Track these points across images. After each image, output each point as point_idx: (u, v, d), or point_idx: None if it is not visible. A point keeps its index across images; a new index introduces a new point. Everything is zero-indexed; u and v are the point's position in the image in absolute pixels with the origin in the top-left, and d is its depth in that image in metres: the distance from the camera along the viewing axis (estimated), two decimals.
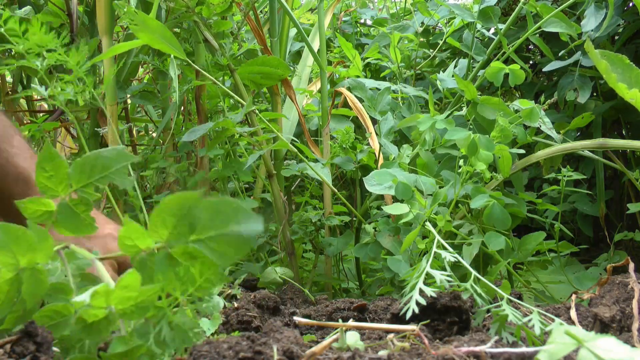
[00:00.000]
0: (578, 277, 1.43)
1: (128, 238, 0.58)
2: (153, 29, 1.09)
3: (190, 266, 0.57)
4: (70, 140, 2.25)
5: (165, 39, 1.12)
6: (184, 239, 0.57)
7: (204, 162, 1.39)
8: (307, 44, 1.51)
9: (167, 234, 0.58)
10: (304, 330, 0.95)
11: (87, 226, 0.67)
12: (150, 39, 1.09)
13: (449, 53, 2.12)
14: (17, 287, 0.59)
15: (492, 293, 0.80)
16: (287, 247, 1.41)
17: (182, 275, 0.57)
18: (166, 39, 1.12)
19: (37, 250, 0.58)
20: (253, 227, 0.57)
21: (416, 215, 1.05)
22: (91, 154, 0.65)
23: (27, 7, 1.52)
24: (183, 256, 0.58)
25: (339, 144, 1.48)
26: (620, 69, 0.95)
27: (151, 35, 1.09)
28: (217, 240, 0.57)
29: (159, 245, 0.58)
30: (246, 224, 0.57)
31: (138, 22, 1.06)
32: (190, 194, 0.56)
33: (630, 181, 1.67)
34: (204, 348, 0.57)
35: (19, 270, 0.58)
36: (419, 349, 0.65)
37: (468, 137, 1.09)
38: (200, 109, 1.39)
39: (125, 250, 0.59)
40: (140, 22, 1.07)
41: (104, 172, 0.65)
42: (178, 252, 0.58)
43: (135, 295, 0.54)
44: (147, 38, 1.09)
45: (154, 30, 1.09)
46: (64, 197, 0.66)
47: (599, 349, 0.47)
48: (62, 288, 0.60)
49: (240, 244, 0.57)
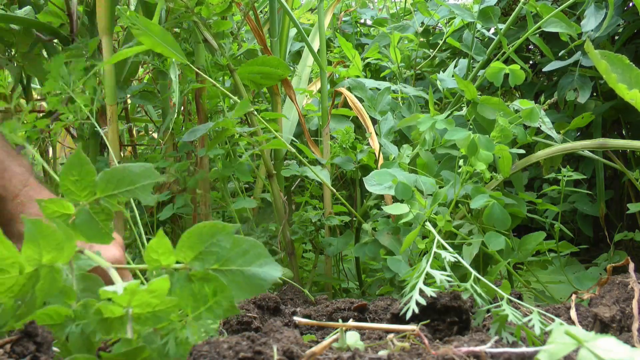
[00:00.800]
0: (578, 277, 1.43)
1: (155, 252, 0.60)
2: (155, 34, 1.12)
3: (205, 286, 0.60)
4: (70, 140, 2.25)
5: (167, 44, 1.15)
6: (207, 265, 0.61)
7: (204, 162, 1.39)
8: (307, 44, 1.51)
9: (192, 257, 0.61)
10: (304, 330, 0.95)
11: (104, 235, 0.69)
12: (152, 43, 1.13)
13: (449, 53, 2.12)
14: (33, 283, 0.59)
15: (492, 293, 0.80)
16: (287, 247, 1.41)
17: (196, 293, 0.60)
18: (168, 44, 1.15)
19: (62, 250, 0.59)
20: (272, 272, 0.62)
21: (416, 215, 1.05)
22: (120, 167, 0.67)
23: (27, 7, 1.52)
24: (200, 280, 0.61)
25: (339, 144, 1.48)
26: (620, 69, 0.95)
27: (153, 40, 1.12)
28: (236, 275, 0.62)
29: (181, 266, 0.61)
30: (266, 269, 0.62)
31: (140, 27, 1.08)
32: (223, 226, 0.61)
33: (630, 181, 1.67)
34: (204, 348, 0.57)
35: (39, 266, 0.59)
36: (419, 349, 0.65)
37: (468, 137, 1.09)
38: (200, 108, 1.39)
39: (148, 263, 0.61)
40: (143, 27, 1.08)
41: (130, 187, 0.67)
42: (197, 275, 0.61)
43: (156, 303, 0.56)
44: (150, 42, 1.12)
45: (156, 34, 1.12)
46: (85, 204, 0.66)
47: (599, 349, 0.47)
48: (66, 291, 0.61)
49: (257, 284, 0.62)
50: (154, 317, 0.57)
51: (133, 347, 0.54)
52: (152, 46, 1.13)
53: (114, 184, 0.66)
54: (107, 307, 0.56)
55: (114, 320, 0.57)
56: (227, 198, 1.41)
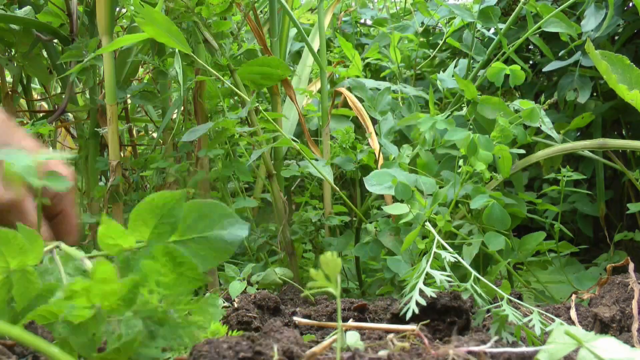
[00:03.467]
0: (578, 277, 1.43)
1: (109, 237, 0.57)
2: (159, 23, 1.07)
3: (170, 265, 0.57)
4: (70, 140, 2.25)
5: (170, 34, 1.10)
6: (164, 239, 0.57)
7: (204, 162, 1.39)
8: (307, 44, 1.51)
9: (148, 233, 0.58)
10: (304, 330, 0.95)
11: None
12: (155, 32, 1.07)
13: (449, 53, 2.12)
14: (7, 289, 0.59)
15: (492, 293, 0.80)
16: (287, 247, 1.41)
17: (159, 270, 0.56)
18: (172, 34, 1.10)
19: (27, 252, 0.58)
20: (237, 233, 0.57)
21: (416, 215, 1.05)
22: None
23: (27, 7, 1.52)
24: (164, 256, 0.57)
25: (339, 144, 1.48)
26: (621, 69, 0.95)
27: (157, 29, 1.07)
28: (198, 243, 0.58)
29: (141, 244, 0.58)
30: (231, 229, 0.57)
31: (144, 15, 1.05)
32: (171, 194, 0.56)
33: (630, 181, 1.67)
34: (203, 348, 0.57)
35: (10, 272, 0.58)
36: (419, 349, 0.65)
37: (468, 137, 1.09)
38: (198, 108, 1.39)
39: (107, 249, 0.58)
40: (146, 15, 1.05)
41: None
42: (158, 251, 0.57)
43: (117, 288, 0.53)
44: (153, 31, 1.07)
45: (160, 24, 1.07)
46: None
47: (598, 349, 0.47)
48: (56, 289, 0.60)
49: (222, 249, 0.57)
50: (125, 301, 0.54)
51: (121, 342, 0.53)
52: (156, 35, 1.08)
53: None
54: (73, 314, 0.53)
55: (88, 322, 0.54)
56: (227, 198, 1.42)
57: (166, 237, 0.58)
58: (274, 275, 1.25)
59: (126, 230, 0.58)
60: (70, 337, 0.54)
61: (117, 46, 1.21)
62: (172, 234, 0.58)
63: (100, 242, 0.58)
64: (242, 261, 1.47)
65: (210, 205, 0.58)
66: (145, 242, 0.58)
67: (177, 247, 0.57)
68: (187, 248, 0.58)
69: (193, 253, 0.58)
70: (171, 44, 1.12)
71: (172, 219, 0.57)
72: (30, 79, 1.82)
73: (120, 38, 1.17)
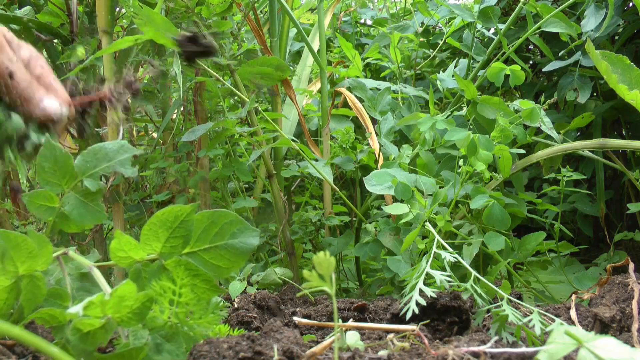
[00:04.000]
0: (578, 277, 1.43)
1: (121, 250, 0.59)
2: (158, 24, 1.06)
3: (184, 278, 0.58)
4: (70, 140, 2.24)
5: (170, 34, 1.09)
6: (177, 252, 0.58)
7: (204, 162, 1.39)
8: (307, 44, 1.51)
9: (159, 247, 0.59)
10: (304, 330, 0.95)
11: (97, 214, 0.68)
12: (155, 33, 1.06)
13: (449, 53, 2.12)
14: (15, 294, 0.59)
15: (492, 293, 0.80)
16: (287, 247, 1.41)
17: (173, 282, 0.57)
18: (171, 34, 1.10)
19: (37, 257, 0.58)
20: (249, 241, 0.58)
21: (416, 215, 1.05)
22: (96, 146, 0.68)
23: (27, 7, 1.52)
24: (177, 268, 0.58)
25: (339, 144, 1.48)
26: (621, 69, 0.95)
27: (156, 30, 1.06)
28: (211, 253, 0.58)
29: (152, 257, 0.59)
30: (241, 237, 0.58)
31: (143, 17, 1.05)
32: (182, 208, 0.57)
33: (630, 181, 1.67)
34: (204, 348, 0.57)
35: (18, 277, 0.58)
36: (419, 349, 0.65)
37: (468, 137, 1.09)
38: (198, 108, 1.39)
39: (119, 262, 0.59)
40: (145, 17, 1.05)
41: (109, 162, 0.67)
42: (171, 264, 0.58)
43: (131, 303, 0.54)
44: (152, 32, 1.06)
45: (159, 25, 1.07)
46: (69, 190, 0.67)
47: (598, 349, 0.47)
48: (60, 294, 0.60)
49: (235, 257, 0.58)
50: (136, 315, 0.55)
51: (129, 347, 0.54)
52: (155, 37, 1.07)
53: (93, 163, 0.67)
54: (83, 323, 0.54)
55: (97, 331, 0.55)
56: (227, 198, 1.42)
57: (179, 250, 0.59)
58: (274, 275, 1.25)
59: (138, 245, 0.59)
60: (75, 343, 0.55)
61: (115, 48, 1.21)
62: (185, 247, 0.59)
63: (112, 255, 0.59)
64: None
65: (218, 214, 0.58)
66: (156, 255, 0.59)
67: (190, 260, 0.59)
68: (200, 259, 0.59)
69: (206, 263, 0.59)
70: (171, 45, 1.12)
71: (185, 231, 0.58)
72: None
73: (119, 40, 1.18)
